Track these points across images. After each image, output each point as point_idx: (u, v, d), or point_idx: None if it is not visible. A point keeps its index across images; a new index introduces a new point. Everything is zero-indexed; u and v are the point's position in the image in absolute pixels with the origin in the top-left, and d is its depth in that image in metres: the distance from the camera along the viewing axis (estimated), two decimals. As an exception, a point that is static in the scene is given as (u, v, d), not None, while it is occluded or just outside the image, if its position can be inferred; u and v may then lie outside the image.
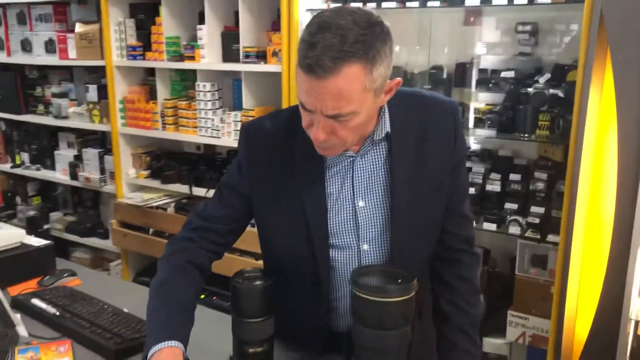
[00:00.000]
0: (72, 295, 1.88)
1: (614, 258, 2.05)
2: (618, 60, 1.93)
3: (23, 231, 2.14)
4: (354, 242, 1.37)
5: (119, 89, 3.49)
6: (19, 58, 3.99)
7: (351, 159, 1.35)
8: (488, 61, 2.64)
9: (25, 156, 4.19)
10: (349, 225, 1.36)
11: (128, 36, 3.40)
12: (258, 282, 1.35)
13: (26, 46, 3.93)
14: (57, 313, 1.74)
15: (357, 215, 1.36)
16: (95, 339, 1.60)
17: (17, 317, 1.59)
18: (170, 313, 1.33)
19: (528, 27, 2.52)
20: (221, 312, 1.88)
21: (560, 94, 2.32)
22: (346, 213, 1.36)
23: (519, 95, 2.43)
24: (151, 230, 3.40)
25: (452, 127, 1.38)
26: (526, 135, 2.37)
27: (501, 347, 2.65)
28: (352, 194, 1.36)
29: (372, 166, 1.36)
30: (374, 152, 1.36)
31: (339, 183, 1.36)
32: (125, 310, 1.79)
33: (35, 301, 1.81)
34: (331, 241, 1.37)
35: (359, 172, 1.36)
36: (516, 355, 2.64)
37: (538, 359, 2.52)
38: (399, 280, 1.24)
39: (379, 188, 1.36)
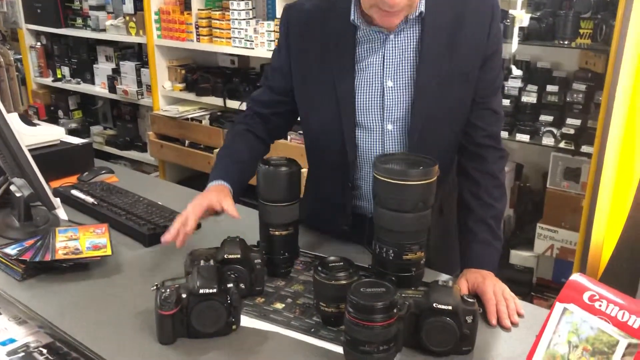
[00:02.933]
0: (109, 189, 1.96)
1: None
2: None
3: (62, 129, 2.22)
4: (379, 121, 1.40)
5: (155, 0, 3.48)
6: (55, -30, 3.99)
7: (384, 35, 1.36)
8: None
9: (65, 70, 4.27)
10: (375, 104, 1.39)
11: (162, -57, 3.35)
12: (283, 169, 1.39)
13: (63, -42, 3.93)
14: (95, 202, 1.82)
15: (384, 94, 1.38)
16: (130, 225, 1.68)
17: (57, 200, 1.68)
18: (226, 164, 1.53)
19: None
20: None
21: (606, -1, 2.21)
22: (374, 92, 1.39)
23: (561, 1, 2.33)
24: (187, 142, 3.47)
25: (489, 18, 1.37)
26: (566, 42, 2.29)
27: (528, 260, 2.67)
28: (382, 73, 1.38)
29: (403, 46, 1.36)
30: (407, 33, 1.36)
31: (370, 60, 1.38)
32: (160, 203, 1.86)
33: (75, 192, 1.90)
34: (358, 119, 1.40)
35: (390, 51, 1.37)
36: (543, 267, 2.66)
37: (564, 271, 2.53)
38: (420, 167, 1.25)
39: (409, 69, 1.37)
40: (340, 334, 1.16)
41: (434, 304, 1.13)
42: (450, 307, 1.13)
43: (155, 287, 1.20)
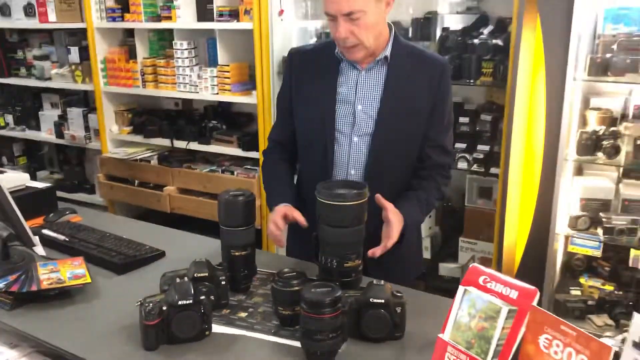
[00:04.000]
0: (76, 227, 2.16)
1: (543, 187, 2.40)
2: (544, 11, 2.24)
3: (27, 175, 2.39)
4: (349, 133, 1.80)
5: (100, 49, 3.70)
6: (-1, 22, 4.14)
7: (358, 71, 1.79)
8: (440, 16, 2.93)
9: (9, 118, 4.37)
10: (348, 120, 1.80)
11: (106, -1, 3.59)
12: (241, 198, 1.65)
13: (5, 11, 4.08)
14: (67, 239, 2.02)
15: (355, 114, 1.79)
16: (103, 257, 1.89)
17: (36, 238, 1.86)
18: (279, 189, 1.88)
19: (474, -15, 2.80)
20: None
21: (501, 43, 2.62)
22: (348, 111, 1.80)
23: (466, 45, 2.73)
24: (136, 182, 3.66)
25: (439, 72, 1.78)
26: (472, 80, 2.68)
27: (454, 270, 3.02)
28: (354, 98, 1.79)
29: (372, 81, 1.78)
30: (375, 70, 1.78)
31: (347, 88, 1.80)
32: (124, 236, 2.07)
33: (46, 231, 2.08)
34: (336, 126, 1.80)
35: (362, 83, 1.79)
36: (467, 277, 3.01)
37: (485, 278, 2.88)
38: (354, 190, 1.55)
39: (374, 99, 1.78)
40: (296, 332, 1.42)
41: (370, 299, 1.42)
42: (383, 301, 1.42)
43: (139, 303, 1.43)
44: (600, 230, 2.39)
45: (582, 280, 2.62)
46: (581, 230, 2.42)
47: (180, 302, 1.41)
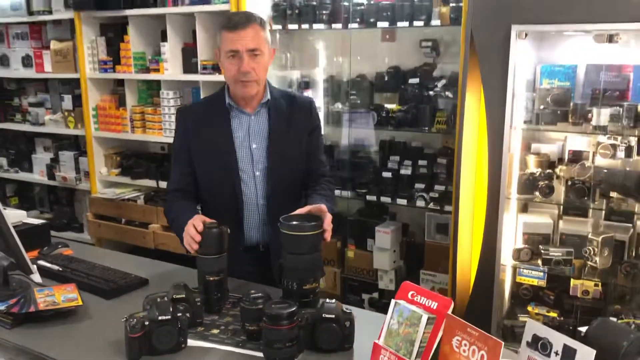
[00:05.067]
0: (68, 259, 2.39)
1: (488, 222, 2.69)
2: (484, 70, 2.57)
3: (24, 212, 2.64)
4: (251, 170, 2.15)
5: (92, 98, 4.00)
6: (-3, 72, 4.44)
7: (248, 116, 2.15)
8: (400, 70, 3.27)
9: (3, 160, 4.62)
10: (248, 159, 2.15)
11: (99, 52, 3.91)
12: (215, 230, 1.91)
13: (4, 61, 4.38)
14: (60, 269, 2.25)
15: (252, 152, 2.15)
16: (93, 284, 2.12)
17: (34, 267, 2.10)
18: (187, 210, 2.07)
19: (429, 43, 3.15)
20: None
21: (451, 96, 2.95)
22: (246, 151, 2.15)
23: (423, 97, 3.06)
24: (123, 220, 3.90)
25: (309, 107, 2.23)
26: (427, 128, 3.00)
27: (417, 301, 3.26)
28: (249, 139, 2.15)
29: (260, 122, 2.16)
30: (261, 114, 2.16)
31: (241, 132, 2.15)
32: (112, 267, 2.31)
33: (41, 262, 2.32)
34: (239, 166, 2.14)
35: (253, 125, 2.15)
36: (428, 307, 3.25)
37: (445, 308, 3.13)
38: (311, 222, 1.83)
39: (264, 137, 2.15)
40: (260, 345, 1.66)
41: (323, 314, 1.67)
42: (333, 316, 1.67)
43: (125, 319, 1.67)
44: (540, 261, 2.67)
45: (529, 308, 2.87)
46: (524, 262, 2.70)
47: (160, 318, 1.65)
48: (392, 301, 1.49)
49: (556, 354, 1.29)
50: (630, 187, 2.43)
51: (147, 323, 1.64)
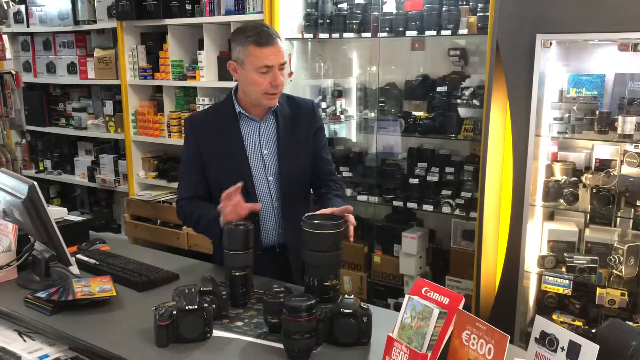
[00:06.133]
0: (105, 254, 2.52)
1: (513, 229, 2.71)
2: (509, 77, 2.61)
3: (65, 209, 2.79)
4: (264, 175, 2.25)
5: (132, 103, 4.17)
6: (45, 78, 4.67)
7: (257, 123, 2.24)
8: (429, 78, 3.32)
9: (47, 163, 4.85)
10: (260, 164, 2.24)
11: (139, 60, 4.08)
12: (242, 227, 2.01)
13: (51, 68, 4.61)
14: (97, 263, 2.38)
15: (263, 158, 2.24)
16: (126, 277, 2.23)
17: (73, 259, 2.23)
18: (207, 209, 2.18)
19: (457, 52, 3.20)
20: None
21: (478, 104, 2.99)
22: (257, 157, 2.24)
23: (450, 105, 3.11)
24: (159, 222, 4.05)
25: (312, 109, 2.32)
26: (453, 135, 3.05)
27: (442, 307, 3.28)
28: (260, 145, 2.24)
29: (269, 129, 2.25)
30: (269, 120, 2.25)
31: (252, 139, 2.24)
32: (145, 262, 2.42)
33: (80, 256, 2.45)
34: (252, 172, 2.22)
35: (263, 131, 2.25)
36: (453, 313, 3.28)
37: (469, 314, 3.15)
38: (332, 221, 1.90)
39: (274, 142, 2.25)
40: (281, 337, 1.73)
41: (342, 309, 1.74)
42: (352, 311, 1.74)
43: (154, 308, 1.77)
44: (564, 269, 2.68)
45: (554, 316, 2.88)
46: (548, 269, 2.71)
47: (187, 307, 1.74)
48: (406, 296, 1.55)
49: (562, 349, 1.33)
50: (654, 195, 2.42)
51: (174, 312, 1.74)
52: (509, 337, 1.31)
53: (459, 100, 3.10)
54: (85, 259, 2.42)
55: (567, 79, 2.85)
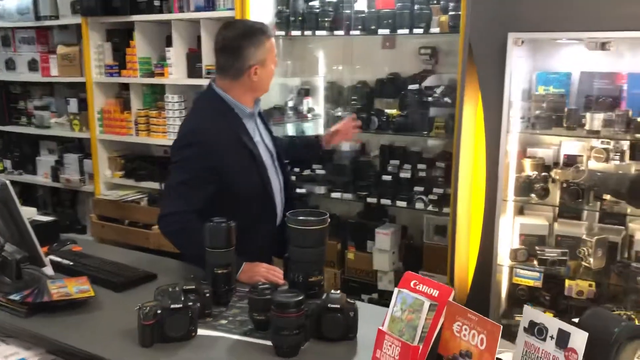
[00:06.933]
0: (78, 254, 2.45)
1: (486, 224, 2.77)
2: (482, 75, 2.67)
3: (34, 209, 2.71)
4: (272, 164, 2.28)
5: (97, 101, 4.08)
6: (4, 75, 4.51)
7: (254, 116, 2.24)
8: (399, 77, 3.36)
9: (7, 163, 4.68)
10: (268, 156, 2.27)
11: (106, 57, 3.99)
12: (223, 224, 1.99)
13: (10, 65, 4.46)
14: (71, 263, 2.32)
15: (269, 149, 2.28)
16: (104, 277, 2.18)
17: (47, 259, 2.17)
18: None
19: (428, 50, 3.25)
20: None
21: (450, 101, 3.04)
22: (265, 150, 2.26)
23: (421, 103, 3.15)
24: (126, 222, 3.97)
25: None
26: (426, 132, 3.09)
27: (415, 302, 3.33)
28: (262, 138, 2.27)
29: (258, 119, 2.30)
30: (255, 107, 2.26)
31: (257, 133, 2.24)
32: (120, 262, 2.37)
33: (52, 257, 2.38)
34: (267, 168, 2.23)
35: (259, 123, 2.28)
36: (426, 308, 3.32)
37: (442, 309, 3.20)
38: (317, 217, 1.90)
39: (265, 129, 2.32)
40: (267, 335, 1.72)
41: (329, 304, 1.74)
42: (338, 306, 1.74)
43: (138, 307, 1.73)
44: (536, 262, 2.75)
45: (525, 308, 2.95)
46: (520, 262, 2.78)
47: (172, 306, 1.72)
48: (395, 289, 1.57)
49: (551, 337, 1.36)
50: (622, 190, 2.51)
51: (159, 311, 1.71)
52: (501, 327, 1.34)
53: (430, 99, 3.14)
54: (59, 259, 2.35)
55: (535, 77, 2.93)
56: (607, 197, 2.64)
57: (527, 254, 2.79)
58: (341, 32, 3.23)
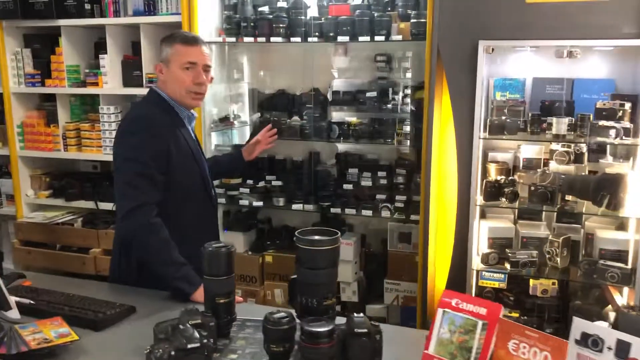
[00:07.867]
0: (34, 291, 2.15)
1: (459, 229, 2.79)
2: (451, 81, 2.68)
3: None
4: (205, 166, 2.30)
5: (17, 114, 3.67)
6: None
7: (189, 120, 2.26)
8: (354, 84, 3.32)
9: None
10: (202, 160, 2.30)
11: (25, 64, 3.60)
12: (223, 249, 1.82)
13: None
14: (33, 302, 2.03)
15: (201, 152, 2.32)
16: (78, 315, 1.93)
17: (12, 300, 1.88)
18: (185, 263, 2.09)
19: (384, 57, 3.23)
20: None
21: (412, 108, 3.04)
22: (199, 153, 2.29)
23: (380, 110, 3.12)
24: (58, 246, 3.60)
25: None
26: (389, 140, 3.07)
27: (380, 311, 3.30)
28: (197, 141, 2.31)
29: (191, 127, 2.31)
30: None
31: (192, 136, 2.28)
32: (83, 294, 2.11)
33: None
34: (201, 165, 2.27)
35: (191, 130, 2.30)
36: (392, 316, 3.31)
37: (409, 316, 3.20)
38: (329, 236, 1.79)
39: (195, 140, 2.32)
40: (285, 369, 1.60)
41: (355, 329, 1.64)
42: (366, 330, 1.65)
43: (148, 350, 1.54)
44: (507, 265, 2.81)
45: (492, 309, 3.01)
46: (492, 265, 2.82)
47: (189, 346, 1.54)
48: (439, 310, 1.51)
49: (609, 349, 1.36)
50: (587, 190, 2.62)
51: (173, 353, 1.53)
52: (568, 342, 1.32)
53: (389, 106, 3.12)
54: (17, 299, 2.05)
55: (493, 83, 3.00)
56: (570, 197, 2.74)
57: (498, 258, 2.84)
58: (298, 39, 3.12)
